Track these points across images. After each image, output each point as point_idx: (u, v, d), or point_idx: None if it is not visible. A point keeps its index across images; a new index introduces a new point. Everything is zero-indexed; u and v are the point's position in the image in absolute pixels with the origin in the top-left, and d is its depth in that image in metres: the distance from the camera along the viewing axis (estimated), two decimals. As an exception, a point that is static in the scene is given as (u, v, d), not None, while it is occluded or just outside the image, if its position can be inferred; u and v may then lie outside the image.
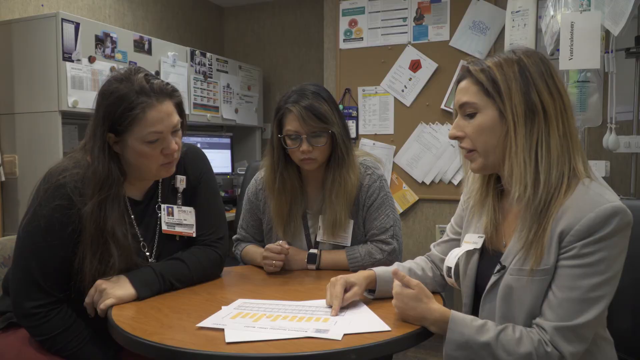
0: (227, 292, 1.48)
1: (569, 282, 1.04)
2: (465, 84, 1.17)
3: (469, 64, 1.18)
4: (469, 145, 1.17)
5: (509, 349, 1.04)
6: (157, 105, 1.32)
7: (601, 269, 1.02)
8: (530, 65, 1.11)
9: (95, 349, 1.33)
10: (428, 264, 1.45)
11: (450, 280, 1.25)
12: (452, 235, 1.41)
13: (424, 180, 3.13)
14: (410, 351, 2.87)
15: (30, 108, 2.56)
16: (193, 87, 3.34)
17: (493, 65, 1.13)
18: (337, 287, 1.25)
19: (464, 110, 1.17)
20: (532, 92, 1.09)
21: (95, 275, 1.33)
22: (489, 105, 1.13)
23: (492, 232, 1.22)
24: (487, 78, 1.12)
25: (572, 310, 1.03)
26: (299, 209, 1.74)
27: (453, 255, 1.25)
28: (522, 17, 2.54)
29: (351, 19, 3.30)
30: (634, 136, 2.43)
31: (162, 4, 3.76)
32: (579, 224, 1.03)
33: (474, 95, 1.14)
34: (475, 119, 1.15)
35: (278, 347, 1.02)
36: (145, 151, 1.34)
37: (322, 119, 1.61)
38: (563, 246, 1.05)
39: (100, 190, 1.32)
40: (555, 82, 1.12)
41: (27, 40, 2.55)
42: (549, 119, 1.09)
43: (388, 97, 3.22)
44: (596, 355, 1.12)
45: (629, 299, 1.36)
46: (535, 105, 1.09)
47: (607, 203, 1.03)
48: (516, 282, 1.10)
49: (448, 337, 1.08)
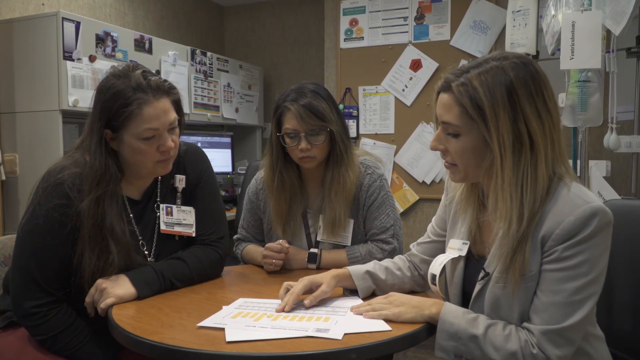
0: (227, 291, 1.48)
1: (552, 286, 1.04)
2: (447, 100, 1.09)
3: (450, 74, 1.10)
4: (451, 160, 1.14)
5: (496, 345, 1.05)
6: (153, 101, 1.32)
7: (584, 271, 1.02)
8: (519, 86, 1.03)
9: (95, 348, 1.33)
10: (406, 263, 1.43)
11: (435, 288, 1.23)
12: (432, 237, 1.39)
13: (425, 180, 3.13)
14: (410, 351, 2.88)
15: (31, 107, 2.56)
16: (193, 86, 3.34)
17: (477, 83, 1.04)
18: (299, 285, 1.26)
19: (445, 128, 1.11)
20: (520, 120, 1.03)
21: (95, 271, 1.32)
22: (473, 129, 1.07)
23: (475, 234, 1.22)
24: (470, 101, 1.04)
25: (557, 313, 1.03)
26: (299, 208, 1.74)
27: (438, 263, 1.23)
28: (523, 16, 2.54)
29: (352, 18, 3.30)
30: (634, 136, 2.43)
31: (163, 3, 3.76)
32: (559, 227, 1.02)
33: (457, 117, 1.07)
34: (458, 140, 1.10)
35: (278, 346, 1.02)
36: (141, 148, 1.34)
37: (320, 117, 1.61)
38: (545, 250, 1.05)
39: (98, 186, 1.32)
40: (545, 100, 1.05)
41: (27, 39, 2.54)
42: (536, 149, 1.04)
43: (389, 96, 3.22)
44: (589, 352, 1.12)
45: (629, 300, 1.36)
46: (522, 136, 1.03)
47: (586, 204, 1.02)
48: (501, 289, 1.09)
49: (439, 327, 1.10)
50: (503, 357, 1.04)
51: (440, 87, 1.12)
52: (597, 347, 1.14)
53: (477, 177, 1.15)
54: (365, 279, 1.34)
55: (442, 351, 1.10)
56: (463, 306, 1.20)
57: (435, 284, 1.22)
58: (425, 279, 1.34)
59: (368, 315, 1.17)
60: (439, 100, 1.12)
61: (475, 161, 1.10)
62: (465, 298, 1.22)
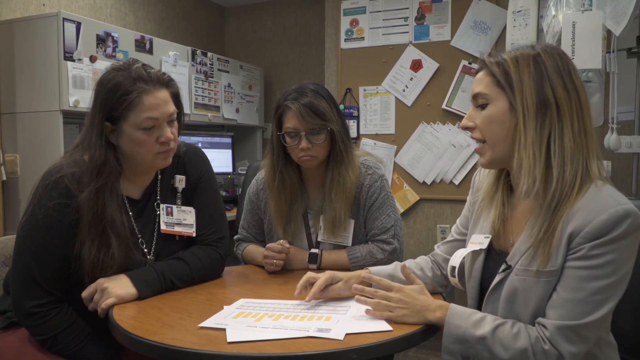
0: (228, 291, 1.48)
1: (574, 283, 1.03)
2: (480, 75, 1.17)
3: (486, 55, 1.18)
4: (479, 135, 1.17)
5: (505, 344, 1.04)
6: (153, 91, 1.33)
7: (608, 272, 1.01)
8: (547, 60, 1.10)
9: (95, 348, 1.33)
10: (429, 263, 1.44)
11: (454, 280, 1.25)
12: (456, 236, 1.40)
13: (425, 180, 3.13)
14: (411, 351, 2.87)
15: (32, 107, 2.56)
16: (194, 86, 3.34)
17: (508, 58, 1.12)
18: (321, 279, 1.29)
19: (476, 101, 1.17)
20: (546, 86, 1.08)
21: (95, 263, 1.32)
22: (500, 96, 1.12)
23: (499, 229, 1.21)
24: (500, 70, 1.12)
25: (575, 310, 1.02)
26: (299, 208, 1.74)
27: (458, 255, 1.25)
28: (524, 16, 2.54)
29: (352, 18, 3.30)
30: (635, 136, 2.42)
31: (163, 4, 3.76)
32: (590, 225, 1.02)
33: (486, 86, 1.14)
34: (486, 109, 1.15)
35: (279, 346, 1.02)
36: (140, 138, 1.34)
37: (320, 116, 1.62)
38: (572, 247, 1.04)
39: (98, 178, 1.32)
40: (572, 78, 1.10)
41: (28, 39, 2.55)
42: (562, 114, 1.07)
43: (389, 96, 3.22)
44: (600, 358, 1.11)
45: (631, 300, 1.36)
46: (548, 99, 1.07)
47: (619, 205, 1.02)
48: (521, 282, 1.09)
49: (446, 330, 1.09)
50: (512, 356, 1.03)
51: (476, 69, 1.21)
52: (608, 354, 1.14)
53: (504, 157, 1.15)
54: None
55: (449, 354, 1.09)
56: (479, 299, 1.21)
57: (455, 276, 1.24)
58: (448, 279, 1.34)
59: (370, 312, 1.18)
60: (474, 79, 1.19)
61: (501, 130, 1.12)
62: (482, 292, 1.22)
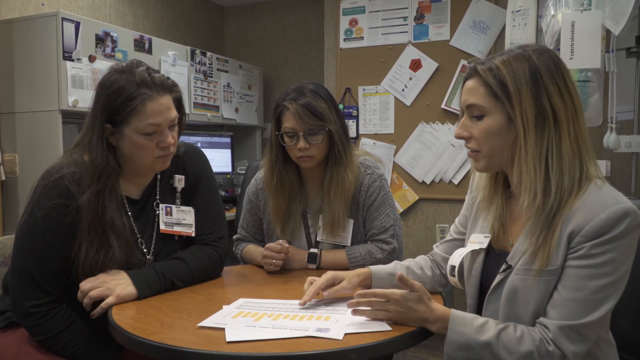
0: (227, 291, 1.48)
1: (575, 282, 1.03)
2: (473, 83, 1.13)
3: (476, 62, 1.14)
4: (475, 146, 1.15)
5: (510, 348, 1.04)
6: (157, 97, 1.33)
7: (608, 271, 1.01)
8: (541, 66, 1.07)
9: (95, 348, 1.33)
10: (428, 262, 1.44)
11: (454, 279, 1.24)
12: (455, 235, 1.40)
13: (424, 180, 3.13)
14: (410, 351, 2.88)
15: (31, 107, 2.55)
16: (193, 86, 3.34)
17: (502, 65, 1.08)
18: (322, 279, 1.29)
19: (470, 111, 1.14)
20: (543, 96, 1.06)
21: (94, 265, 1.32)
22: (497, 108, 1.09)
23: (498, 230, 1.21)
24: (495, 80, 1.08)
25: (576, 310, 1.02)
26: (298, 208, 1.74)
27: (457, 255, 1.24)
28: (523, 16, 2.54)
29: (351, 18, 3.30)
30: (634, 136, 2.43)
31: (163, 3, 3.76)
32: (589, 224, 1.02)
33: (482, 97, 1.10)
34: (482, 121, 1.12)
35: (278, 346, 1.02)
36: (141, 143, 1.34)
37: (318, 116, 1.62)
38: (572, 246, 1.04)
39: (99, 180, 1.32)
40: (566, 82, 1.08)
41: (27, 39, 2.54)
42: (559, 123, 1.06)
43: (388, 96, 3.22)
44: (599, 357, 1.11)
45: (630, 299, 1.36)
46: (545, 110, 1.06)
47: (619, 204, 1.02)
48: (522, 282, 1.09)
49: (448, 337, 1.08)
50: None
51: (466, 75, 1.16)
52: (607, 353, 1.14)
53: (500, 163, 1.15)
54: (383, 280, 1.34)
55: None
56: (478, 299, 1.20)
57: (454, 276, 1.23)
58: (447, 279, 1.34)
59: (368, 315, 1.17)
60: (464, 88, 1.16)
61: (500, 142, 1.11)
62: (482, 292, 1.22)
